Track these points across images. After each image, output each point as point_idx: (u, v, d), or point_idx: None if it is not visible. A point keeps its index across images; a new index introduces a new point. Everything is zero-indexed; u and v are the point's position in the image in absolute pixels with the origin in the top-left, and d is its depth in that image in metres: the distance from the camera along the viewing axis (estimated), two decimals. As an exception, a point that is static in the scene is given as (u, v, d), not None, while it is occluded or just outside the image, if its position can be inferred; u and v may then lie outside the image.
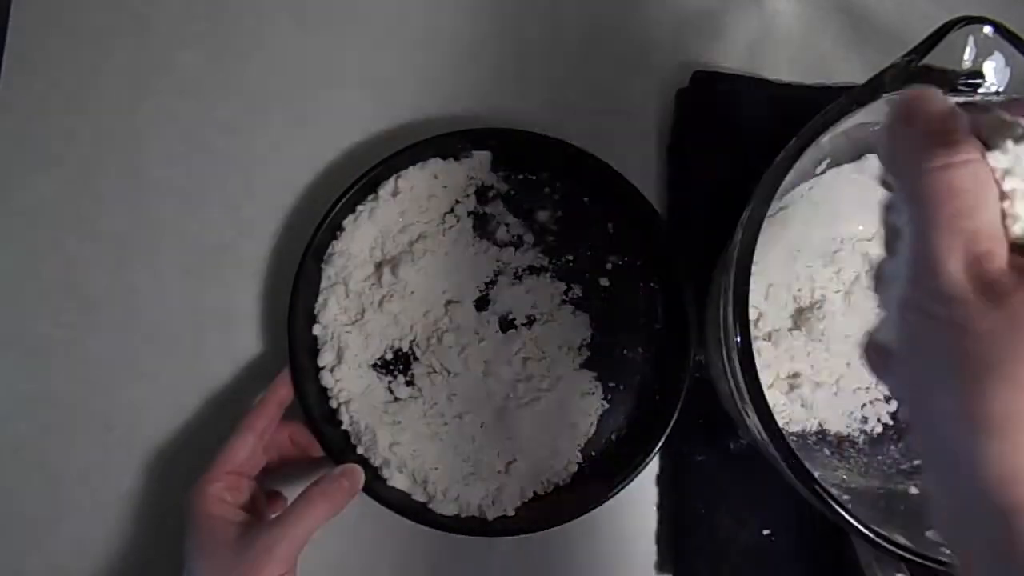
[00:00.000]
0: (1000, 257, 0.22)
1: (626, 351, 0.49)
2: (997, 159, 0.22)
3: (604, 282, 0.50)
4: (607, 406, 0.49)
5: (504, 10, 0.55)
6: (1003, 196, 0.22)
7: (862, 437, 0.48)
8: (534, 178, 0.51)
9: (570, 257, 0.50)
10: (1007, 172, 0.22)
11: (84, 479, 0.49)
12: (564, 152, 0.49)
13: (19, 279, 0.51)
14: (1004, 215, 0.22)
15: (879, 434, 0.48)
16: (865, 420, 0.48)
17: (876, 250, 0.49)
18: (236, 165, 0.52)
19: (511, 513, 0.46)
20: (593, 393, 0.49)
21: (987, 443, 0.21)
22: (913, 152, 0.23)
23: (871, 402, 0.48)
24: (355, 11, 0.55)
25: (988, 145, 0.23)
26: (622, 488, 0.46)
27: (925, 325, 0.23)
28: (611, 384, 0.49)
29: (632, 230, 0.50)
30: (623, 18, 0.55)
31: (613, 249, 0.50)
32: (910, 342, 0.24)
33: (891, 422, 0.48)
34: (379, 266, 0.49)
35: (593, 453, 0.48)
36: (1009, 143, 0.23)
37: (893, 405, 0.48)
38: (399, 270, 0.48)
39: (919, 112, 0.24)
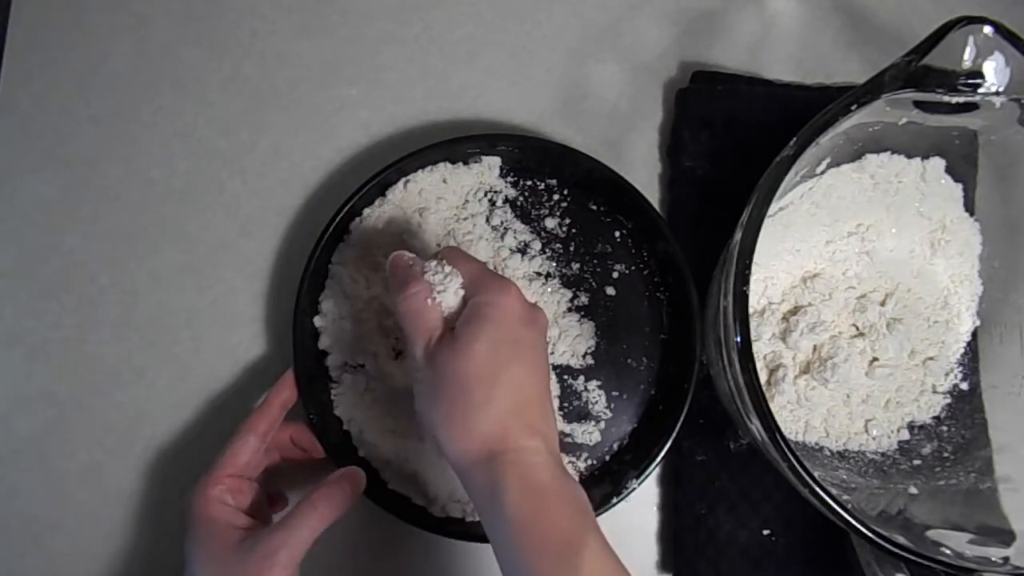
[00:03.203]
0: (435, 338, 0.38)
1: (631, 360, 0.49)
2: (432, 280, 0.39)
3: (610, 291, 0.50)
4: (610, 415, 0.49)
5: (507, 12, 0.55)
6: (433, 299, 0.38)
7: (865, 439, 0.48)
8: (542, 185, 0.51)
9: (577, 265, 0.50)
10: (438, 284, 0.39)
11: (84, 479, 0.49)
12: (574, 160, 0.49)
13: (19, 279, 0.51)
14: (442, 310, 0.39)
15: (883, 437, 0.48)
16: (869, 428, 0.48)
17: (876, 248, 0.49)
18: (237, 166, 0.52)
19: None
20: (596, 402, 0.49)
21: (448, 435, 0.37)
22: (393, 292, 0.40)
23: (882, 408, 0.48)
24: (357, 11, 0.55)
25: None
26: (624, 497, 0.46)
27: (418, 383, 0.39)
28: (615, 393, 0.49)
29: (639, 240, 0.50)
30: (623, 18, 0.55)
31: (620, 258, 0.50)
32: (418, 393, 0.40)
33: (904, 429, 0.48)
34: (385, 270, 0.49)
35: (595, 461, 0.48)
36: (435, 270, 0.39)
37: (903, 413, 0.48)
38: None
39: (392, 269, 0.41)
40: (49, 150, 0.52)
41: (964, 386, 0.48)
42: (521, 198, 0.51)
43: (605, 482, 0.47)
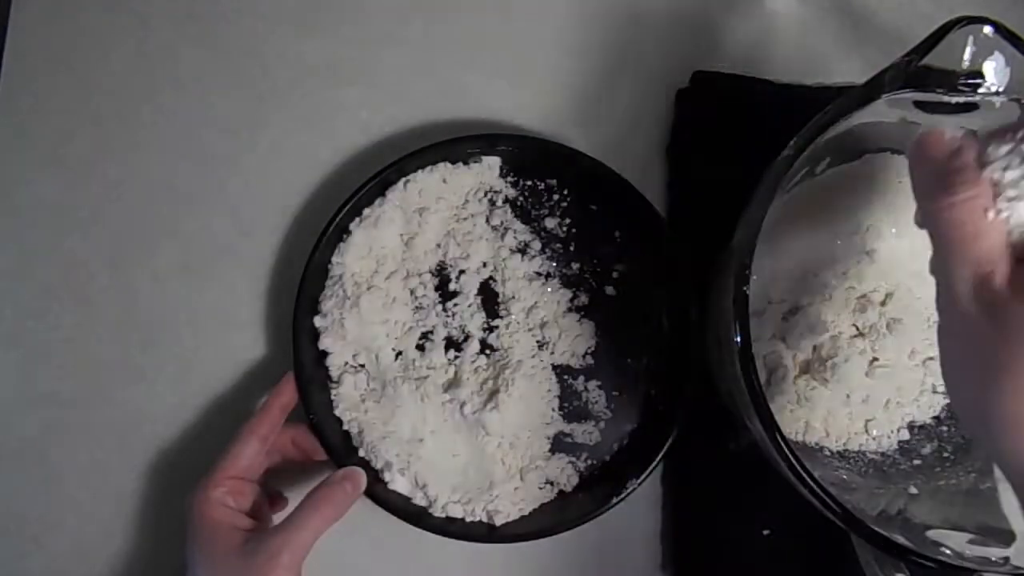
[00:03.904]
0: (1000, 275, 0.26)
1: (630, 360, 0.49)
2: (999, 179, 0.26)
3: (610, 291, 0.50)
4: (610, 415, 0.49)
5: (508, 13, 0.55)
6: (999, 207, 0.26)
7: (866, 439, 0.48)
8: (543, 185, 0.51)
9: (577, 265, 0.50)
10: (1009, 187, 0.26)
11: (84, 479, 0.49)
12: (574, 160, 0.49)
13: (19, 279, 0.51)
14: (1010, 231, 0.26)
15: (883, 437, 0.48)
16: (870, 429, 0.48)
17: (877, 248, 0.49)
18: (237, 166, 0.52)
19: (511, 519, 0.46)
20: (596, 402, 0.49)
21: (1001, 439, 0.26)
22: (923, 193, 0.28)
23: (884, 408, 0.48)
24: (357, 11, 0.55)
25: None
26: (624, 497, 0.46)
27: (951, 329, 0.28)
28: (615, 393, 0.49)
29: (639, 240, 0.50)
30: (623, 19, 0.55)
31: (620, 258, 0.50)
32: (946, 333, 0.29)
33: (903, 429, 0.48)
34: (386, 270, 0.49)
35: (595, 461, 0.48)
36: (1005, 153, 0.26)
37: (903, 413, 0.48)
38: (406, 275, 0.48)
39: (925, 156, 0.28)
40: (49, 150, 0.52)
41: (964, 386, 0.48)
42: (521, 198, 0.51)
43: (605, 482, 0.47)
